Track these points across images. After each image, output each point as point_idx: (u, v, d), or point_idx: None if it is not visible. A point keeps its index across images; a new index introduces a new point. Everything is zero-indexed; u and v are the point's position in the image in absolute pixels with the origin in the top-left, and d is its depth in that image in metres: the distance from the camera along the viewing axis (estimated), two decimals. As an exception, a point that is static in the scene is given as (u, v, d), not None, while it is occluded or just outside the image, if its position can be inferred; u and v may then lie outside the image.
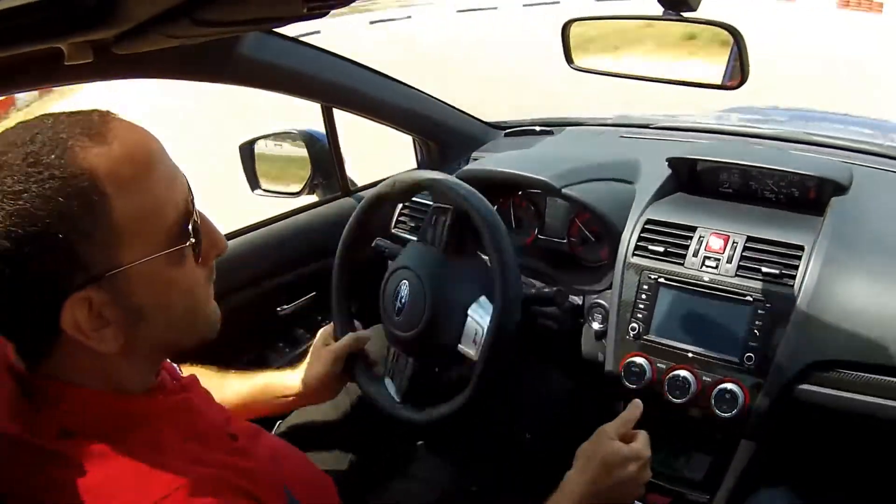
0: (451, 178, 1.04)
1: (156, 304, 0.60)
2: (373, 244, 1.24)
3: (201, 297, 0.66)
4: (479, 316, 1.00)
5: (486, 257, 1.03)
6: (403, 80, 1.58)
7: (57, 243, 0.54)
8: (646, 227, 1.22)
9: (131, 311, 0.59)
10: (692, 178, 1.30)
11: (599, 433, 0.93)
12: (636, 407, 0.96)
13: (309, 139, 1.58)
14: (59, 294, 0.55)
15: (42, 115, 0.59)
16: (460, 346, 1.02)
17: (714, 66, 1.05)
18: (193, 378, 0.76)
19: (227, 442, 0.71)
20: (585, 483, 0.88)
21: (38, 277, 0.54)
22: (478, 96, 3.77)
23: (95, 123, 0.58)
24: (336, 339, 1.12)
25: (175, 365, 0.78)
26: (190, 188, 0.63)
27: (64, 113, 0.59)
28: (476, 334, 1.00)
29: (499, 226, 0.98)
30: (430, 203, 1.50)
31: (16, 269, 0.53)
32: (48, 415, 0.59)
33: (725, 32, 1.04)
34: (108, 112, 0.60)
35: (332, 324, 1.16)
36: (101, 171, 0.55)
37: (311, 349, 1.12)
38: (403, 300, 1.04)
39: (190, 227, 0.62)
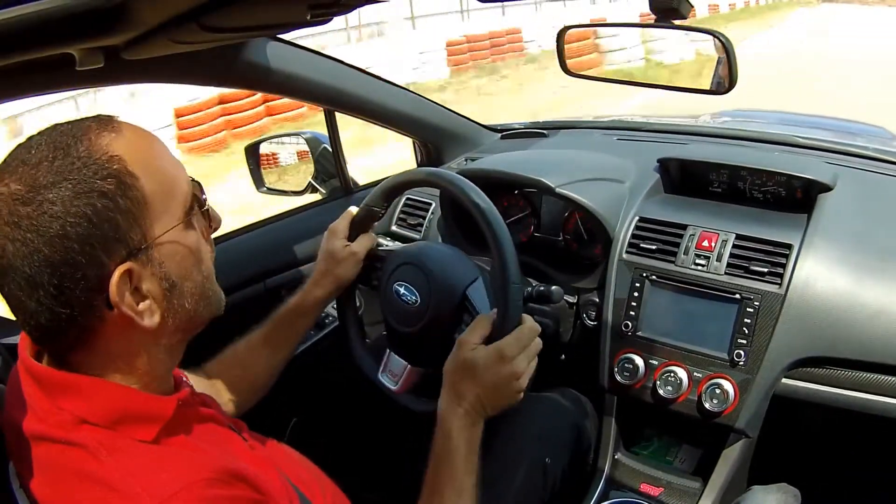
0: (458, 176, 1.04)
1: (181, 273, 0.66)
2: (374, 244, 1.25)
3: (211, 270, 0.72)
4: (479, 303, 1.01)
5: (487, 259, 1.04)
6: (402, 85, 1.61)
7: (102, 220, 0.59)
8: (638, 224, 1.25)
9: (163, 283, 0.64)
10: (682, 179, 1.32)
11: (457, 343, 0.89)
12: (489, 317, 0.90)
13: (312, 141, 1.62)
14: (108, 267, 0.59)
15: (49, 126, 0.63)
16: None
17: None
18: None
19: (240, 441, 0.73)
20: (452, 399, 0.86)
21: (88, 253, 0.58)
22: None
23: (104, 120, 0.64)
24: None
25: (184, 376, 0.80)
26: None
27: (68, 120, 0.64)
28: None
29: (501, 224, 0.96)
30: (429, 201, 1.54)
31: (68, 248, 0.57)
32: (68, 406, 0.61)
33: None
34: (109, 115, 0.66)
35: (339, 220, 1.12)
36: (125, 155, 0.61)
37: (322, 251, 1.10)
38: (406, 296, 1.04)
39: (200, 198, 0.70)
